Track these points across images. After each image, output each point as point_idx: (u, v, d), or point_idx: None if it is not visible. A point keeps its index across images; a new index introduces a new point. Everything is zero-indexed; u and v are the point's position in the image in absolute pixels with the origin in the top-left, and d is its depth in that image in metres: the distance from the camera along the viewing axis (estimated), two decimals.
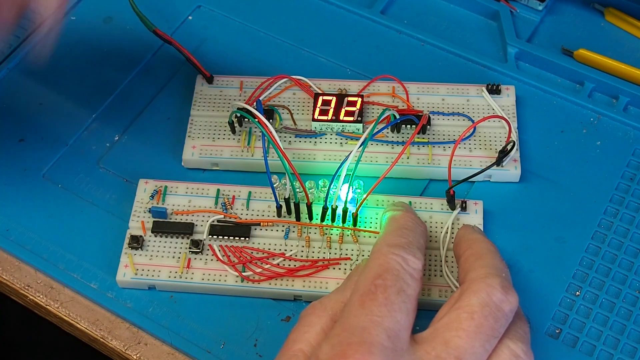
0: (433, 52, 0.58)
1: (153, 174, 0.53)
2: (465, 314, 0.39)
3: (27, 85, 0.57)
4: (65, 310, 0.49)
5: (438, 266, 0.48)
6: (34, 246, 0.51)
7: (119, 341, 0.48)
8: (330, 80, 0.56)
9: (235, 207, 0.51)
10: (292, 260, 0.49)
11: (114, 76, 0.58)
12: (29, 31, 0.60)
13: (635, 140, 0.54)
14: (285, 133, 0.53)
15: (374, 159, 0.52)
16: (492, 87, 0.55)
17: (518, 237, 0.50)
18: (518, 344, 0.41)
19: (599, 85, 0.56)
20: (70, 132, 0.55)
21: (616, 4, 0.59)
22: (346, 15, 0.60)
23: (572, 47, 0.57)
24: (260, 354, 0.47)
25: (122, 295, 0.49)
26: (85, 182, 0.53)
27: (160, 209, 0.50)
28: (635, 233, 0.50)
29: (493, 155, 0.52)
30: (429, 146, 0.53)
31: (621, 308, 0.48)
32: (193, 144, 0.53)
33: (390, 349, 0.38)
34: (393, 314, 0.39)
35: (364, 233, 0.49)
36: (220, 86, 0.56)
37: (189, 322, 0.48)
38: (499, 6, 0.59)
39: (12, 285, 0.50)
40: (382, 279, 0.40)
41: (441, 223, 0.50)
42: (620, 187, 0.52)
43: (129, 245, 0.49)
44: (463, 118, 0.54)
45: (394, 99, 0.55)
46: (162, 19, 0.58)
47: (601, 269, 0.49)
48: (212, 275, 0.48)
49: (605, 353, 0.47)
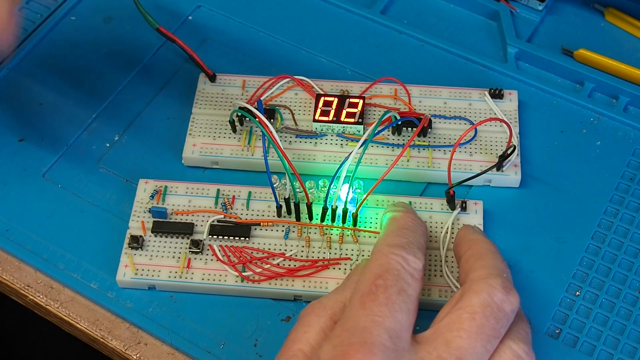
0: (433, 52, 0.58)
1: (153, 173, 0.53)
2: (466, 314, 0.39)
3: (27, 85, 0.57)
4: (65, 310, 0.49)
5: (438, 266, 0.48)
6: (34, 246, 0.51)
7: (119, 341, 0.48)
8: (333, 81, 0.56)
9: (235, 207, 0.51)
10: (292, 260, 0.49)
11: (114, 76, 0.58)
12: (29, 31, 0.60)
13: (635, 140, 0.54)
14: (286, 133, 0.53)
15: (374, 160, 0.52)
16: (494, 91, 0.54)
17: (518, 237, 0.50)
18: (520, 345, 0.41)
19: (599, 85, 0.56)
20: (70, 132, 0.55)
21: (616, 4, 0.59)
22: (346, 15, 0.60)
23: (572, 47, 0.57)
24: (260, 354, 0.47)
25: (122, 295, 0.49)
26: (85, 182, 0.53)
27: (160, 209, 0.50)
28: (635, 233, 0.50)
29: (493, 160, 0.52)
30: (429, 149, 0.53)
31: (621, 308, 0.48)
32: (194, 142, 0.53)
33: (391, 349, 0.38)
34: (394, 314, 0.39)
35: (364, 233, 0.49)
36: (223, 85, 0.56)
37: (189, 322, 0.48)
38: (499, 6, 0.59)
39: (12, 285, 0.50)
40: (382, 279, 0.40)
41: (441, 223, 0.50)
42: (620, 187, 0.52)
43: (129, 245, 0.49)
44: (464, 122, 0.54)
45: (396, 102, 0.55)
46: (162, 19, 0.58)
47: (601, 269, 0.49)
48: (212, 275, 0.48)
49: (605, 353, 0.47)
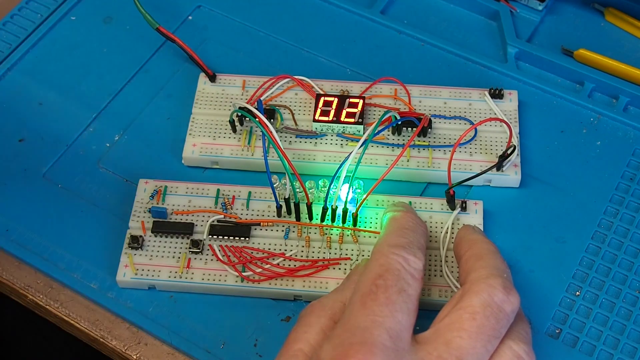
0: (433, 52, 0.58)
1: (153, 173, 0.53)
2: (467, 314, 0.40)
3: (27, 85, 0.57)
4: (65, 310, 0.49)
5: (438, 266, 0.48)
6: (34, 246, 0.51)
7: (119, 341, 0.48)
8: (333, 81, 0.56)
9: (235, 207, 0.51)
10: (292, 260, 0.49)
11: (114, 76, 0.58)
12: (29, 31, 0.60)
13: (635, 140, 0.54)
14: (286, 133, 0.53)
15: (374, 160, 0.52)
16: (494, 91, 0.54)
17: (518, 237, 0.50)
18: (520, 345, 0.41)
19: (599, 85, 0.56)
20: (70, 132, 0.55)
21: (616, 4, 0.59)
22: (346, 15, 0.60)
23: (572, 47, 0.57)
24: (260, 354, 0.47)
25: (122, 295, 0.49)
26: (85, 182, 0.53)
27: (160, 209, 0.50)
28: (635, 233, 0.50)
29: (493, 160, 0.52)
30: (429, 149, 0.53)
31: (621, 308, 0.48)
32: (194, 142, 0.53)
33: (391, 349, 0.38)
34: (394, 314, 0.39)
35: (364, 233, 0.49)
36: (223, 85, 0.56)
37: (189, 322, 0.48)
38: (499, 6, 0.59)
39: (12, 285, 0.50)
40: (383, 279, 0.40)
41: (441, 223, 0.50)
42: (620, 187, 0.52)
43: (129, 245, 0.49)
44: (464, 122, 0.54)
45: (396, 102, 0.55)
46: (162, 19, 0.58)
47: (601, 269, 0.49)
48: (212, 275, 0.48)
49: (605, 353, 0.47)
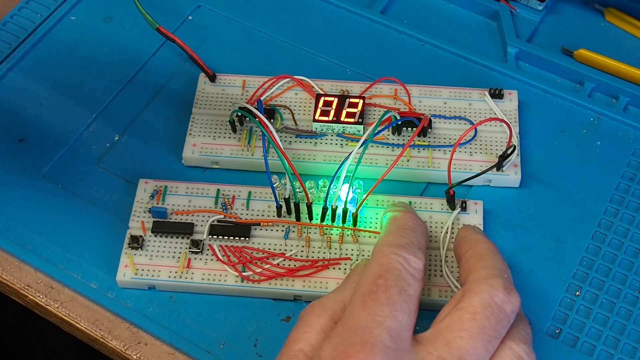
0: (433, 52, 0.58)
1: (153, 173, 0.53)
2: (467, 314, 0.39)
3: (27, 85, 0.57)
4: (65, 310, 0.49)
5: (438, 266, 0.48)
6: (34, 246, 0.51)
7: (119, 341, 0.48)
8: (333, 81, 0.56)
9: (235, 207, 0.51)
10: (292, 260, 0.49)
11: (114, 76, 0.58)
12: (29, 31, 0.60)
13: (635, 140, 0.54)
14: (286, 133, 0.53)
15: (374, 161, 0.52)
16: (494, 91, 0.54)
17: (518, 237, 0.50)
18: (520, 345, 0.41)
19: (599, 85, 0.56)
20: (70, 132, 0.55)
21: (616, 4, 0.59)
22: (346, 15, 0.60)
23: (572, 47, 0.57)
24: (260, 354, 0.47)
25: (122, 295, 0.49)
26: (85, 182, 0.53)
27: (160, 209, 0.50)
28: (635, 233, 0.50)
29: (493, 160, 0.52)
30: (429, 149, 0.53)
31: (621, 308, 0.48)
32: (194, 142, 0.53)
33: (392, 348, 0.38)
34: (395, 313, 0.39)
35: (364, 233, 0.49)
36: (223, 85, 0.56)
37: (189, 322, 0.48)
38: (499, 6, 0.59)
39: (12, 285, 0.50)
40: (383, 278, 0.40)
41: (441, 223, 0.50)
42: (620, 187, 0.52)
43: (129, 245, 0.49)
44: (464, 122, 0.54)
45: (396, 102, 0.55)
46: (162, 19, 0.58)
47: (601, 269, 0.49)
48: (212, 275, 0.48)
49: (605, 353, 0.47)
